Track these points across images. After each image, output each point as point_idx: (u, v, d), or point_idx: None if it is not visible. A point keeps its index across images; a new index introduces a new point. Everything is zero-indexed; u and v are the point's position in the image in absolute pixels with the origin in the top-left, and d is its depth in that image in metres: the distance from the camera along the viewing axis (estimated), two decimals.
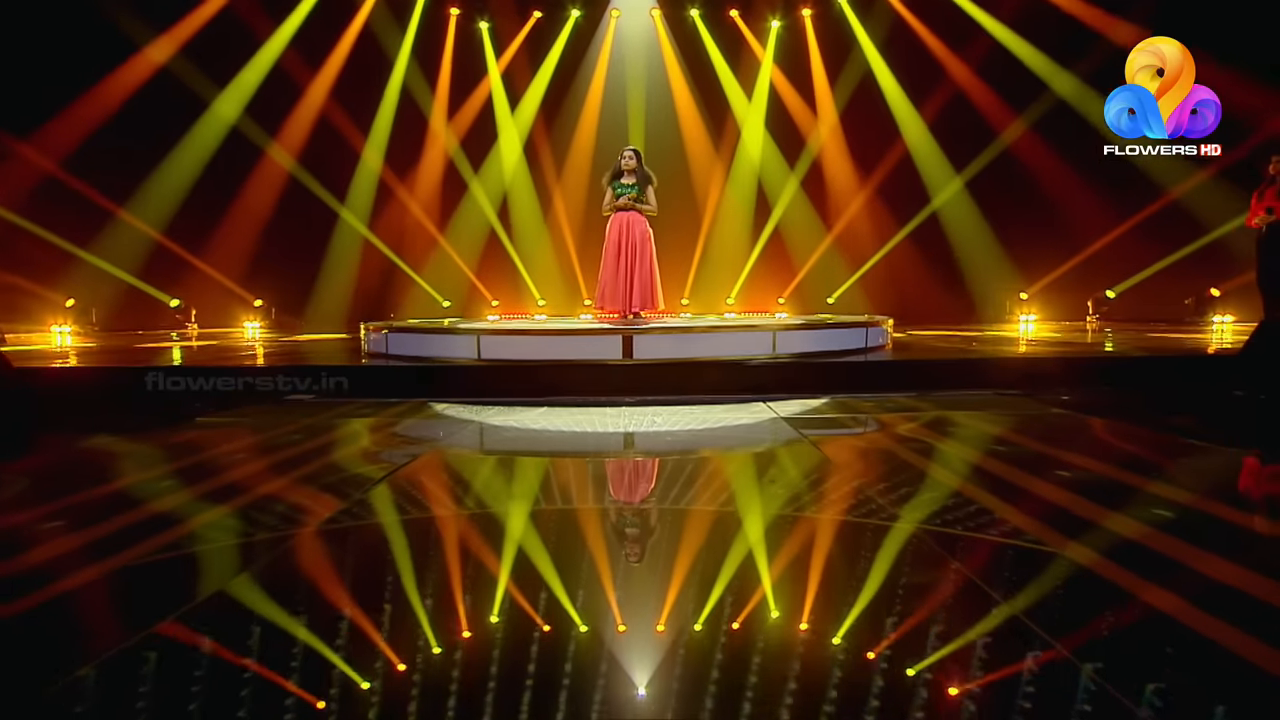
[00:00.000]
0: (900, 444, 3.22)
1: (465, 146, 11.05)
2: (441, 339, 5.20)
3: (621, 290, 5.88)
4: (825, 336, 5.35)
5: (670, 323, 5.36)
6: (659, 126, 11.12)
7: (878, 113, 10.56)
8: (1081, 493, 2.39)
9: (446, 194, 11.03)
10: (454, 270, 11.32)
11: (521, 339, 5.00)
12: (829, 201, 11.25)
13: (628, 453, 3.24)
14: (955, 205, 10.71)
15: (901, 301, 10.77)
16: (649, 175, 6.04)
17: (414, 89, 11.00)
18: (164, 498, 2.52)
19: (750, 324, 5.16)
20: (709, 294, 11.84)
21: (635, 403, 4.51)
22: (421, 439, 3.50)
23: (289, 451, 3.23)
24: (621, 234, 5.95)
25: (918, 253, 10.88)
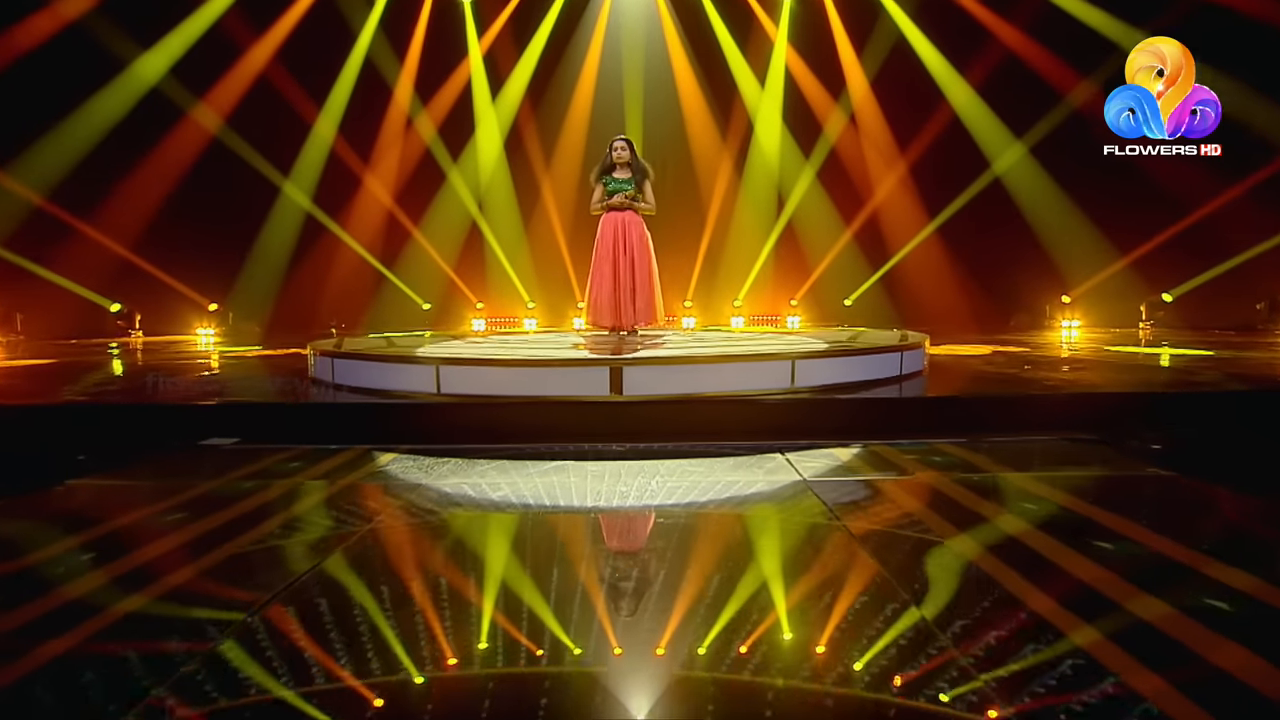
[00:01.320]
0: (974, 539, 2.57)
1: (443, 133, 10.56)
2: (394, 369, 4.57)
3: (621, 301, 5.39)
4: (853, 365, 4.71)
5: (667, 351, 4.72)
6: (659, 112, 10.64)
7: (913, 86, 9.96)
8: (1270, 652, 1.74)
9: (422, 185, 10.52)
10: (432, 268, 10.87)
11: (488, 371, 4.36)
12: (848, 194, 10.74)
13: (602, 558, 2.60)
14: (990, 196, 10.04)
15: (928, 304, 10.27)
16: (645, 168, 5.55)
17: (385, 71, 10.41)
18: None
19: (763, 351, 4.53)
20: (714, 296, 11.56)
21: (625, 452, 3.88)
22: (340, 522, 2.86)
23: (141, 552, 2.60)
24: (618, 237, 5.45)
25: (947, 249, 10.31)
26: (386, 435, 4.15)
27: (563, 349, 5.18)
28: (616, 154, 5.54)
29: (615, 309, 5.52)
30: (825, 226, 10.97)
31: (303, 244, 10.16)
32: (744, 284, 11.62)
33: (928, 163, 10.14)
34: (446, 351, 4.92)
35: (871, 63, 10.32)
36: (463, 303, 11.49)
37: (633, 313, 5.52)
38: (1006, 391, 4.57)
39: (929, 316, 10.15)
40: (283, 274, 10.04)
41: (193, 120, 9.25)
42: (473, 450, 3.93)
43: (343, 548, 2.51)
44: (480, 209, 10.83)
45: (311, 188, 10.05)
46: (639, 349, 5.04)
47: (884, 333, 6.47)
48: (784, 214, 11.13)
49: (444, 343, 5.86)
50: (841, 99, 10.52)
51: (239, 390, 4.99)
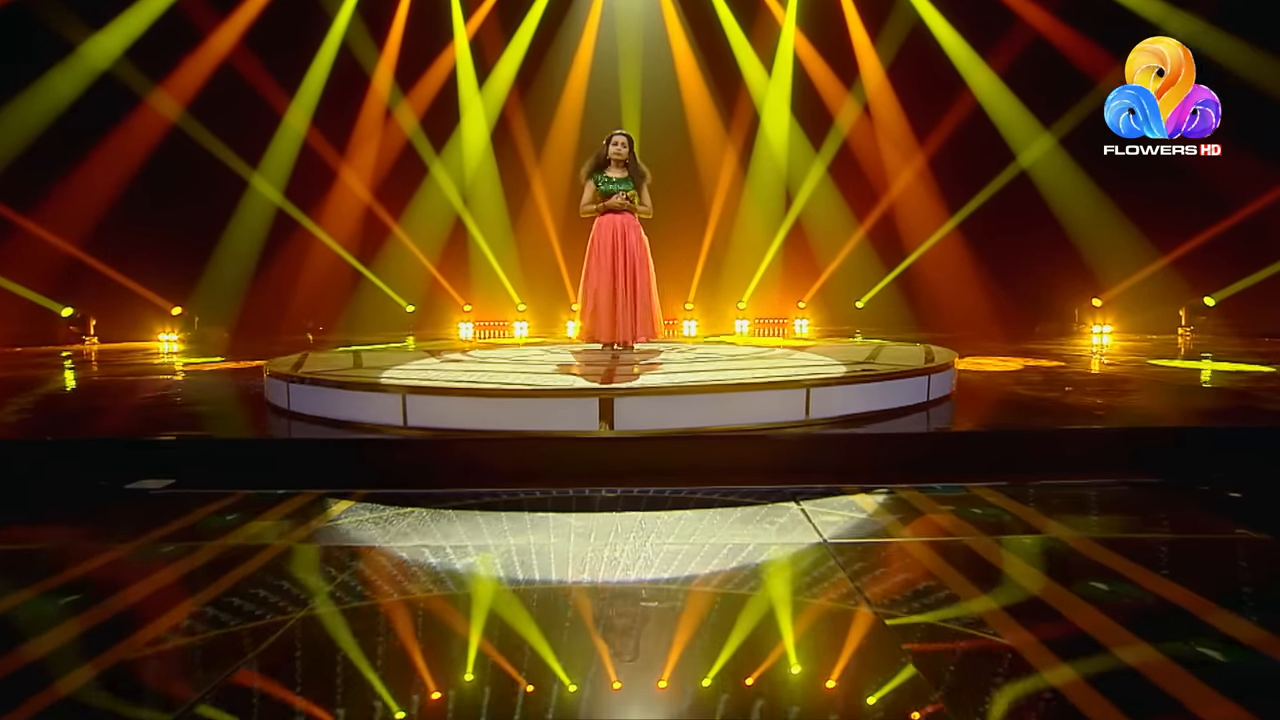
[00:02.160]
0: (1039, 642, 2.17)
1: (426, 124, 10.29)
2: (356, 398, 4.16)
3: (621, 315, 5.09)
4: (875, 392, 4.31)
5: (664, 377, 4.32)
6: (658, 101, 10.35)
7: (932, 73, 9.66)
8: None
9: (403, 179, 10.25)
10: (414, 267, 10.59)
11: (461, 402, 3.95)
12: (862, 189, 10.46)
13: (582, 660, 2.19)
14: (1016, 191, 9.64)
15: (947, 306, 9.95)
16: (644, 171, 5.24)
17: (363, 58, 10.06)
18: None
19: (774, 378, 4.12)
20: (717, 298, 11.28)
21: (615, 499, 3.48)
22: (267, 608, 2.45)
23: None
24: (616, 242, 5.13)
25: (968, 248, 9.99)
26: (343, 478, 3.75)
27: (548, 369, 4.78)
28: (615, 149, 5.21)
29: (615, 323, 5.20)
30: (836, 224, 10.71)
31: (273, 241, 9.87)
32: (749, 285, 11.35)
33: (948, 155, 9.81)
34: (416, 376, 4.51)
35: (887, 48, 10.00)
36: (448, 304, 11.25)
37: (634, 327, 5.22)
38: (1050, 425, 4.16)
39: (948, 320, 9.83)
40: (252, 274, 9.68)
41: (150, 108, 8.83)
42: (442, 497, 3.53)
43: (258, 652, 2.10)
44: (465, 204, 10.57)
45: (283, 181, 9.75)
46: (634, 370, 4.65)
47: (907, 348, 6.07)
48: (792, 210, 10.87)
49: (420, 361, 5.45)
50: (855, 88, 10.23)
51: (183, 419, 4.58)
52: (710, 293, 11.35)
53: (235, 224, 9.64)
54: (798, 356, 5.43)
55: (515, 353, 6.06)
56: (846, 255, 10.89)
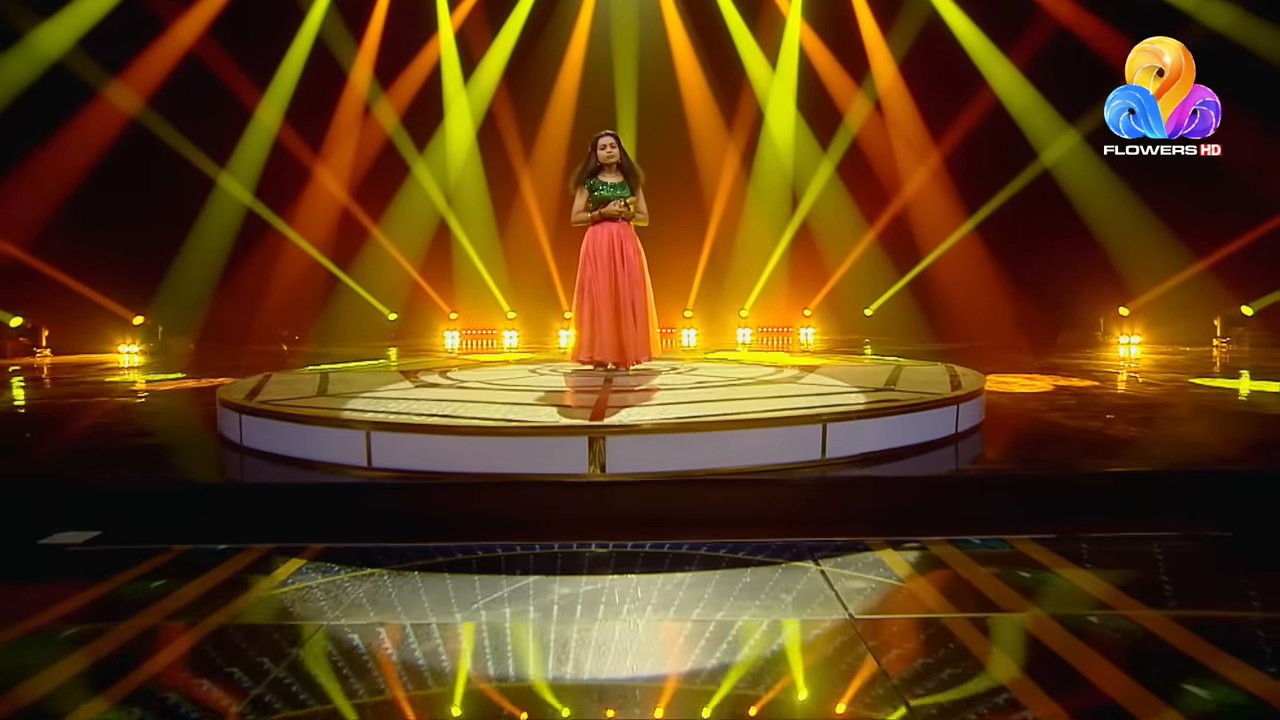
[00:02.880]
0: None
1: (407, 121, 10.10)
2: (315, 434, 3.79)
3: (624, 335, 4.86)
4: (899, 426, 3.95)
5: (659, 410, 3.97)
6: (655, 97, 10.08)
7: (948, 67, 9.43)
8: None
9: (383, 179, 10.07)
10: (396, 272, 10.37)
11: (433, 441, 3.59)
12: (873, 190, 10.27)
13: None
14: (1038, 191, 9.32)
15: (963, 314, 9.72)
16: (637, 171, 5.00)
17: (339, 51, 9.82)
18: None
19: (786, 412, 3.77)
20: (718, 305, 11.06)
21: (606, 557, 3.12)
22: (187, 709, 2.08)
23: None
24: (614, 254, 4.89)
25: (986, 252, 9.76)
26: (296, 529, 3.37)
27: (534, 396, 4.41)
28: (604, 153, 4.96)
29: (618, 343, 4.95)
30: (845, 227, 10.55)
31: (243, 245, 9.61)
32: (751, 292, 11.15)
33: (965, 154, 9.60)
34: (385, 407, 4.14)
35: (900, 42, 9.80)
36: (433, 312, 11.05)
37: (635, 346, 4.99)
38: (1098, 466, 3.80)
39: (964, 329, 9.58)
40: (219, 280, 9.35)
41: (106, 101, 8.47)
42: (407, 554, 3.16)
43: None
44: (450, 205, 10.39)
45: (253, 180, 9.50)
46: (629, 399, 4.29)
47: (927, 367, 5.72)
48: (797, 213, 10.70)
49: (393, 386, 5.08)
50: (865, 83, 10.01)
51: (120, 455, 4.19)
52: (711, 299, 11.13)
53: (201, 226, 9.33)
54: (808, 380, 5.08)
55: (500, 373, 5.70)
56: (855, 260, 10.70)
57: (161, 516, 3.44)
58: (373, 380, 5.34)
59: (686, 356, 7.09)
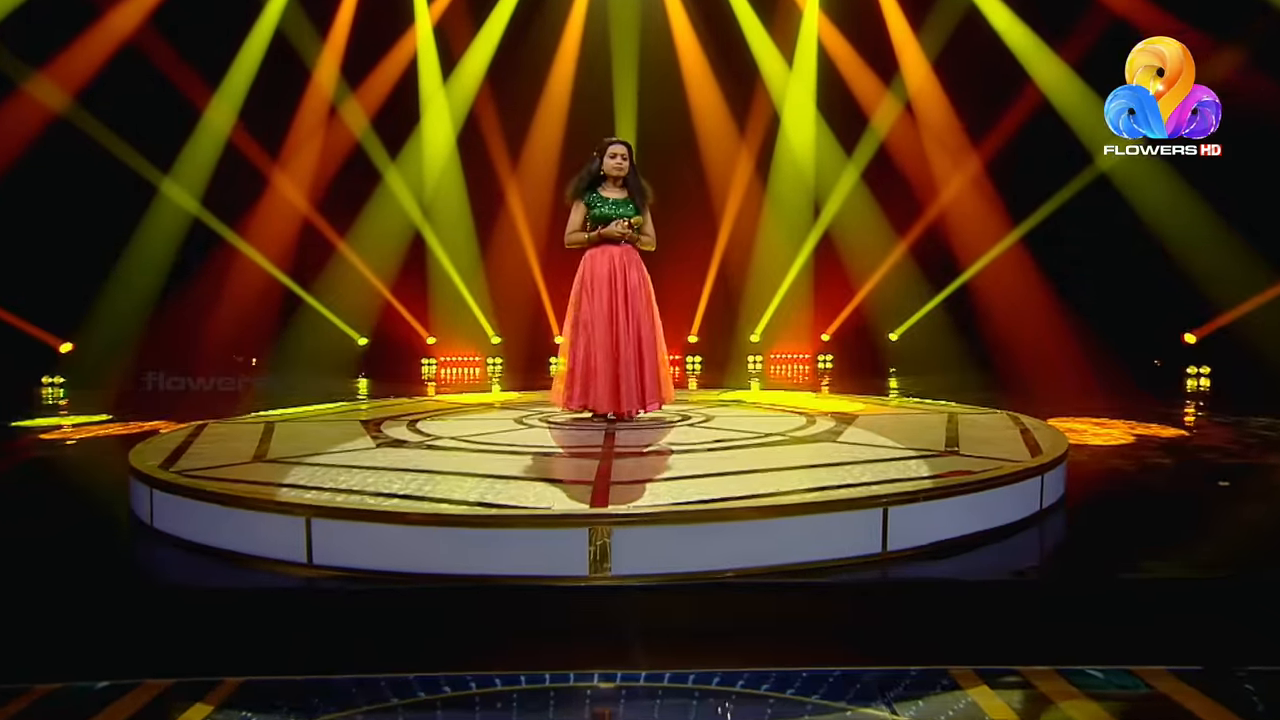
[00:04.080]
0: None
1: (379, 124, 9.78)
2: (243, 520, 3.21)
3: (625, 380, 4.49)
4: (973, 506, 3.40)
5: (678, 487, 3.41)
6: (658, 96, 9.85)
7: (988, 64, 9.13)
8: None
9: (351, 188, 9.77)
10: (366, 292, 10.07)
11: (390, 531, 3.02)
12: (904, 199, 9.96)
13: None
14: (1093, 198, 8.98)
15: (1007, 338, 9.25)
16: (646, 189, 4.64)
17: (302, 46, 9.46)
18: None
19: (839, 493, 3.23)
20: (726, 328, 10.82)
21: (614, 694, 2.57)
22: None
23: None
24: (615, 282, 4.52)
25: (1034, 267, 9.38)
26: (209, 655, 2.79)
27: (522, 461, 3.84)
28: (612, 163, 4.57)
29: (616, 389, 4.54)
30: (872, 239, 10.18)
31: (188, 260, 9.19)
32: (764, 313, 10.86)
33: (1009, 159, 9.28)
34: (334, 478, 3.56)
35: (934, 37, 9.50)
36: (409, 336, 10.66)
37: (640, 392, 4.58)
38: (1236, 563, 3.24)
39: (1007, 357, 9.07)
40: (160, 299, 8.99)
41: (28, 96, 8.06)
42: (351, 693, 2.58)
43: None
44: (426, 218, 10.11)
45: (200, 188, 9.10)
46: (634, 466, 3.74)
47: (987, 417, 5.19)
48: (818, 224, 10.39)
49: (348, 446, 4.51)
50: (894, 83, 9.74)
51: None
52: (720, 322, 10.81)
53: (140, 239, 8.87)
54: (848, 436, 4.53)
55: (480, 423, 5.15)
56: (882, 277, 10.30)
57: (30, 639, 2.84)
58: (326, 435, 4.78)
59: (697, 398, 6.58)
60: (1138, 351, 9.11)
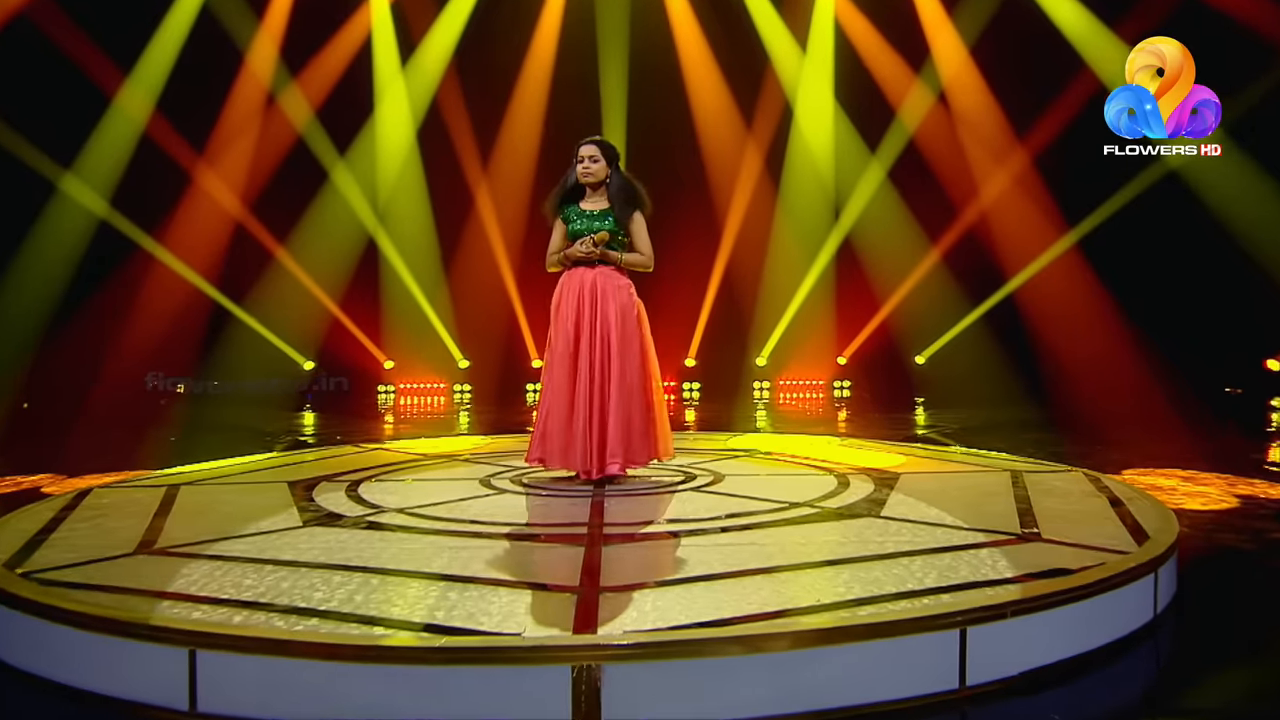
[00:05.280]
0: None
1: (325, 115, 9.78)
2: (104, 648, 2.67)
3: (590, 432, 4.18)
4: (1072, 622, 2.92)
5: (685, 602, 2.91)
6: (652, 85, 9.83)
7: (1034, 48, 9.07)
8: None
9: (291, 188, 9.77)
10: (310, 306, 10.04)
11: (305, 669, 2.49)
12: (937, 201, 9.96)
13: None
14: (1162, 197, 8.79)
15: (1058, 359, 9.06)
16: (635, 191, 4.35)
17: (232, 25, 9.31)
18: None
19: (896, 608, 2.75)
20: (729, 350, 10.76)
21: None
22: None
23: None
24: (583, 313, 4.23)
25: (1093, 277, 9.29)
26: None
27: (484, 556, 3.33)
28: (581, 168, 4.28)
29: (569, 442, 4.20)
30: (901, 248, 10.17)
31: (94, 269, 9.00)
32: (774, 332, 10.84)
33: (1060, 154, 9.12)
34: (235, 581, 3.03)
35: (971, 20, 9.43)
36: (363, 359, 10.66)
37: (598, 448, 4.20)
38: None
39: (1061, 381, 8.89)
40: (59, 314, 8.80)
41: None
42: None
43: None
44: (381, 223, 10.16)
45: (110, 186, 8.97)
46: (627, 556, 3.24)
47: (1059, 478, 4.74)
48: (835, 231, 10.36)
49: (270, 524, 3.99)
50: (925, 69, 9.74)
51: None
52: (720, 342, 10.76)
53: (35, 244, 8.67)
54: (892, 506, 4.06)
55: (438, 487, 4.68)
56: (911, 290, 10.29)
57: None
58: (242, 507, 4.27)
59: (701, 444, 6.17)
60: (1210, 376, 8.78)
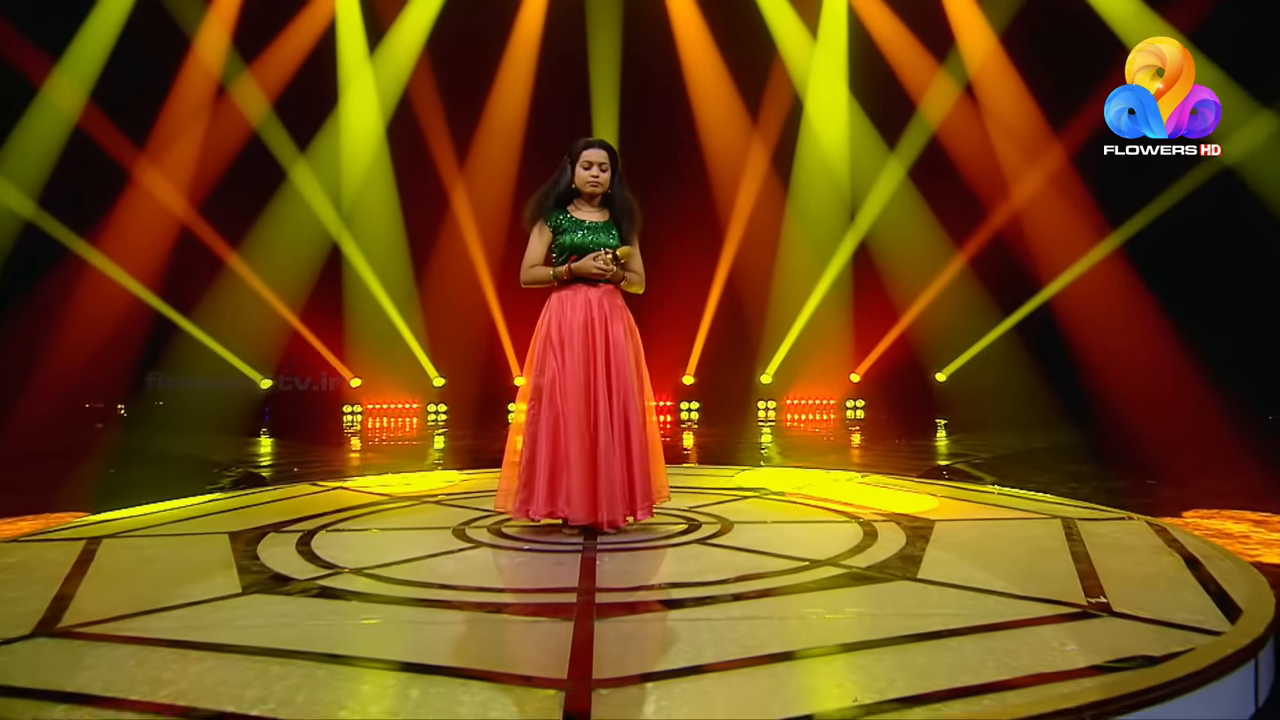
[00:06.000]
0: None
1: (282, 109, 9.76)
2: None
3: (612, 472, 3.98)
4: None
5: (704, 707, 2.53)
6: (645, 73, 9.86)
7: (1071, 34, 9.15)
8: None
9: (245, 187, 9.76)
10: (268, 319, 9.93)
11: None
12: (964, 202, 9.96)
13: None
14: (1217, 196, 8.80)
15: (1099, 378, 8.93)
16: (632, 206, 4.17)
17: (178, 8, 9.26)
18: None
19: (950, 712, 2.36)
20: (731, 366, 10.74)
21: None
22: None
23: None
24: (594, 339, 4.05)
25: (1139, 284, 9.19)
26: None
27: (449, 637, 2.95)
28: (588, 175, 4.03)
29: (593, 490, 3.94)
30: (922, 253, 10.20)
31: (21, 276, 8.98)
32: (781, 346, 10.92)
33: (1100, 150, 8.72)
34: (146, 687, 2.62)
35: (1001, 3, 9.46)
36: (327, 376, 10.75)
37: (628, 494, 4.03)
38: None
39: (1103, 399, 8.71)
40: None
41: None
42: None
43: None
44: (347, 226, 10.17)
45: (37, 185, 8.92)
46: (631, 633, 2.88)
47: (1125, 527, 4.38)
48: (850, 235, 10.39)
49: (194, 595, 3.61)
50: (950, 59, 9.79)
51: None
52: (720, 358, 10.85)
53: None
54: (930, 561, 3.69)
55: (401, 539, 4.33)
56: (934, 300, 10.30)
57: None
58: (172, 566, 3.84)
59: (704, 480, 5.90)
60: (1271, 394, 8.63)
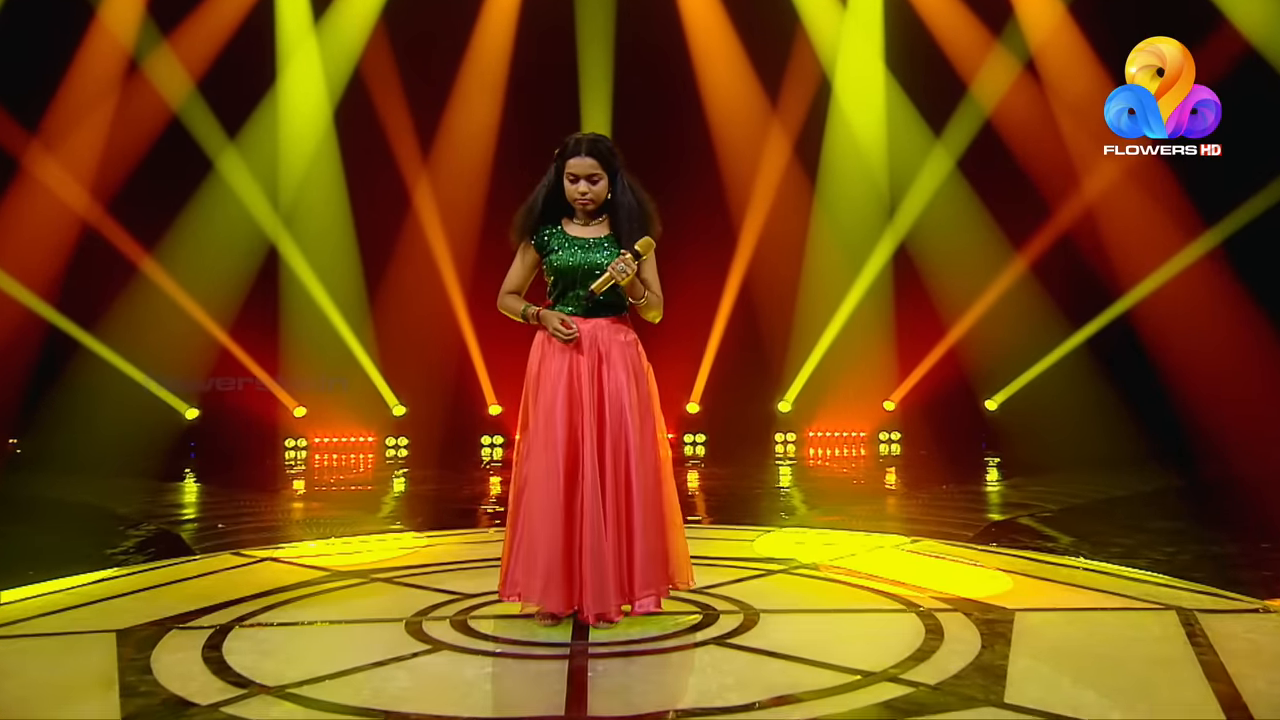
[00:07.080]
0: None
1: (208, 88, 9.54)
2: None
3: (599, 553, 3.83)
4: None
5: None
6: (645, 50, 9.77)
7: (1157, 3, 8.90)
8: None
9: (162, 181, 9.56)
10: (191, 335, 9.83)
11: None
12: (1024, 197, 9.76)
13: None
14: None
15: (1196, 402, 8.71)
16: (647, 210, 4.00)
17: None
18: None
19: None
20: (743, 391, 10.71)
21: None
22: None
23: None
24: (577, 385, 3.94)
25: (1236, 289, 8.92)
26: None
27: None
28: (575, 190, 3.85)
29: (570, 573, 3.79)
30: (974, 257, 9.94)
31: None
32: (803, 369, 10.55)
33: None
34: None
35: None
36: (263, 404, 10.42)
37: (624, 579, 3.84)
38: None
39: (1197, 436, 8.58)
40: None
41: None
42: None
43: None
44: (286, 226, 9.95)
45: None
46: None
47: (1259, 620, 3.78)
48: (886, 237, 10.16)
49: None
50: (1008, 31, 9.51)
51: None
52: (732, 384, 10.52)
53: None
54: (1018, 677, 3.00)
55: (346, 637, 3.68)
56: (988, 311, 10.04)
57: None
58: (30, 687, 3.12)
59: (719, 548, 5.43)
60: None
